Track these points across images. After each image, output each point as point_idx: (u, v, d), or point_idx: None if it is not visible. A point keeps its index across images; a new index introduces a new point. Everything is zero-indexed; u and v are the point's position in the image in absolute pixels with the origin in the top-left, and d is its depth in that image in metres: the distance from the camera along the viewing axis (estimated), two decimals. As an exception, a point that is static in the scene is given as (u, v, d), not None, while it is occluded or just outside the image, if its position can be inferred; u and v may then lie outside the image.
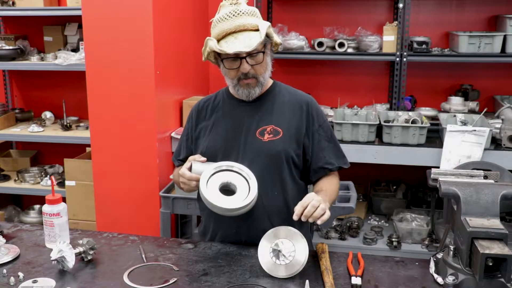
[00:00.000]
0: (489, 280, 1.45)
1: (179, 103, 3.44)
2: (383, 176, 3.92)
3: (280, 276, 1.61)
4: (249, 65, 1.78)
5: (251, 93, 1.84)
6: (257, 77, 1.82)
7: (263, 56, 1.80)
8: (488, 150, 2.99)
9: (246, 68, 1.78)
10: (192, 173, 1.75)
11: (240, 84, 1.83)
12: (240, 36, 1.76)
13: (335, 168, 1.93)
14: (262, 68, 1.82)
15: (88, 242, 1.72)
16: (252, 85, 1.83)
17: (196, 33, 3.66)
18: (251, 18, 1.78)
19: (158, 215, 3.10)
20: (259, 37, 1.74)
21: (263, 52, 1.80)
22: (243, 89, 1.84)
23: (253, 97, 1.87)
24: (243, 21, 1.76)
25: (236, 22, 1.76)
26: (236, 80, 1.83)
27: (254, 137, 1.86)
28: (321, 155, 1.91)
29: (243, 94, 1.85)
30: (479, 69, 3.76)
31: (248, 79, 1.81)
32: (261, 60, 1.80)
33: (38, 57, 3.88)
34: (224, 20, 1.77)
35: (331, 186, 1.90)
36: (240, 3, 1.79)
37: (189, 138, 2.01)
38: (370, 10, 3.85)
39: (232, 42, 1.75)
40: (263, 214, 1.84)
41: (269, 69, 1.87)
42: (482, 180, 1.70)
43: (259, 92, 1.86)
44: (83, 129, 3.79)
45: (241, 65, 1.78)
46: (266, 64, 1.84)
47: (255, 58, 1.78)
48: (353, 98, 3.86)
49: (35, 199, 4.06)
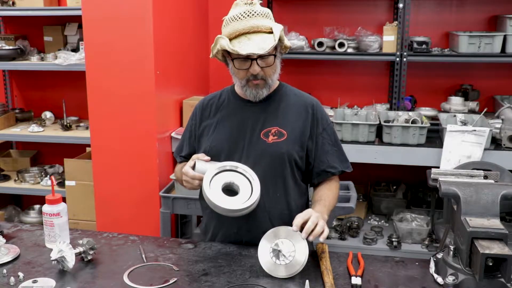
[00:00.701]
0: (489, 280, 1.45)
1: (179, 103, 3.44)
2: (383, 176, 3.92)
3: (280, 276, 1.61)
4: (259, 67, 1.78)
5: (258, 93, 1.84)
6: (266, 79, 1.82)
7: (274, 59, 1.80)
8: (488, 150, 2.99)
9: (256, 70, 1.78)
10: (196, 172, 1.75)
11: (248, 85, 1.83)
12: (254, 38, 1.75)
13: (338, 172, 1.93)
14: (271, 70, 1.82)
15: (88, 242, 1.72)
16: (260, 86, 1.83)
17: (196, 33, 3.66)
18: (265, 20, 1.78)
19: (158, 215, 3.10)
20: (273, 40, 1.74)
21: (274, 55, 1.80)
22: (251, 89, 1.84)
23: (261, 98, 1.87)
24: (257, 23, 1.75)
25: (250, 22, 1.75)
26: (244, 80, 1.83)
27: (258, 138, 1.86)
28: (324, 158, 1.90)
29: (250, 94, 1.85)
30: (479, 69, 3.76)
31: (257, 80, 1.81)
32: (272, 63, 1.80)
33: (38, 57, 3.87)
34: (238, 20, 1.76)
35: (330, 193, 1.90)
36: (255, 4, 1.78)
37: (192, 135, 2.01)
38: (370, 10, 3.85)
39: (246, 43, 1.74)
40: (264, 215, 1.84)
41: (278, 72, 1.87)
42: (482, 180, 1.70)
43: (266, 93, 1.86)
44: (83, 129, 3.79)
45: (251, 66, 1.78)
46: (276, 67, 1.85)
47: (266, 61, 1.79)
48: (353, 98, 3.86)
49: (35, 199, 4.06)
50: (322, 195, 1.88)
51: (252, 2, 1.78)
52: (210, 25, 3.88)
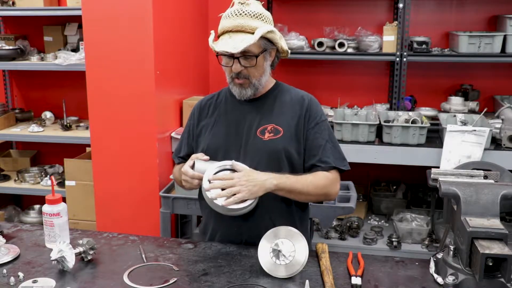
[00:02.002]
0: (489, 280, 1.45)
1: (179, 103, 3.44)
2: (383, 176, 3.92)
3: (280, 276, 1.61)
4: (242, 66, 1.79)
5: (242, 93, 1.85)
6: (250, 78, 1.83)
7: (257, 60, 1.80)
8: (488, 150, 2.99)
9: (237, 68, 1.80)
10: (195, 171, 1.76)
11: (233, 82, 1.85)
12: (235, 36, 1.76)
13: (328, 167, 1.86)
14: (256, 71, 1.83)
15: (88, 242, 1.72)
16: (244, 85, 1.84)
17: (196, 33, 3.66)
18: (253, 21, 1.77)
19: (158, 215, 3.10)
20: (252, 40, 1.73)
21: (257, 56, 1.79)
22: (235, 88, 1.86)
23: (245, 98, 1.87)
24: (243, 22, 1.76)
25: (236, 21, 1.76)
26: (230, 78, 1.86)
27: (255, 136, 1.86)
28: (316, 152, 1.87)
29: (235, 92, 1.87)
30: (479, 69, 3.76)
31: (240, 80, 1.83)
32: (254, 64, 1.80)
33: (38, 57, 3.87)
34: (227, 18, 1.79)
35: (308, 176, 1.82)
36: (248, 4, 1.79)
37: (190, 135, 2.01)
38: (370, 10, 3.85)
39: (225, 41, 1.77)
40: (263, 213, 1.83)
41: (267, 73, 1.87)
42: (482, 180, 1.70)
43: (251, 93, 1.86)
44: (83, 129, 3.79)
45: (233, 64, 1.80)
46: (263, 69, 1.84)
47: (248, 60, 1.79)
48: (353, 98, 3.86)
49: (35, 199, 4.06)
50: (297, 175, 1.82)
51: (246, 2, 1.79)
52: (210, 25, 3.88)
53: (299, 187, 1.79)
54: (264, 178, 1.72)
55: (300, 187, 1.79)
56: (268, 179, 1.73)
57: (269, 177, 1.73)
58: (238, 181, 1.67)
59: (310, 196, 1.85)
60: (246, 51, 1.76)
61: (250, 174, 1.72)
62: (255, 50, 1.78)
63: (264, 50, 1.81)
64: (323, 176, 1.85)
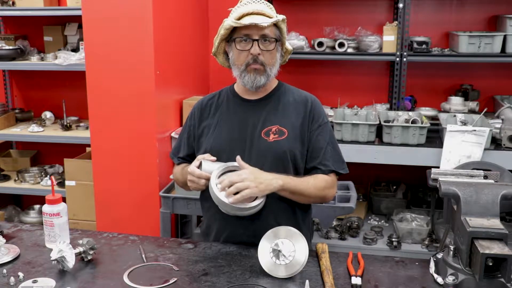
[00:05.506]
0: (489, 280, 1.45)
1: (179, 103, 3.44)
2: (383, 176, 3.92)
3: (280, 276, 1.61)
4: (260, 49, 1.81)
5: (256, 79, 1.84)
6: (265, 66, 1.83)
7: (275, 45, 1.83)
8: (488, 150, 2.99)
9: (257, 50, 1.80)
10: (202, 171, 1.75)
11: (247, 70, 1.84)
12: (257, 17, 1.81)
13: (328, 170, 1.88)
14: (271, 58, 1.85)
15: (88, 242, 1.72)
16: (259, 72, 1.83)
17: (196, 33, 3.66)
18: (269, 9, 1.87)
19: (158, 215, 3.10)
20: (275, 19, 1.81)
21: (276, 41, 1.84)
22: (249, 75, 1.84)
23: (258, 86, 1.85)
24: (261, 8, 1.84)
25: (255, 6, 1.83)
26: (244, 65, 1.84)
27: (259, 137, 1.86)
28: (316, 155, 1.88)
29: (249, 80, 1.84)
30: (479, 69, 3.76)
31: (256, 65, 1.82)
32: (273, 48, 1.83)
33: (38, 57, 3.87)
34: (244, 5, 1.85)
35: (309, 178, 1.84)
36: None
37: (190, 135, 2.00)
38: (370, 10, 3.85)
39: (248, 20, 1.80)
40: (268, 213, 1.83)
41: (277, 65, 1.89)
42: (482, 180, 1.70)
43: (264, 81, 1.85)
44: (83, 129, 3.79)
45: (252, 47, 1.80)
46: (275, 58, 1.87)
47: (266, 44, 1.82)
48: (353, 98, 3.86)
49: (35, 199, 4.06)
50: (298, 177, 1.85)
51: None
52: (210, 26, 3.88)
53: (302, 189, 1.81)
54: (270, 177, 1.74)
55: (303, 188, 1.81)
56: (274, 179, 1.74)
57: (275, 177, 1.75)
58: (246, 178, 1.67)
59: (310, 198, 1.87)
60: (265, 34, 1.80)
61: (257, 172, 1.73)
62: (273, 34, 1.83)
63: (276, 41, 1.85)
64: (322, 179, 1.87)
